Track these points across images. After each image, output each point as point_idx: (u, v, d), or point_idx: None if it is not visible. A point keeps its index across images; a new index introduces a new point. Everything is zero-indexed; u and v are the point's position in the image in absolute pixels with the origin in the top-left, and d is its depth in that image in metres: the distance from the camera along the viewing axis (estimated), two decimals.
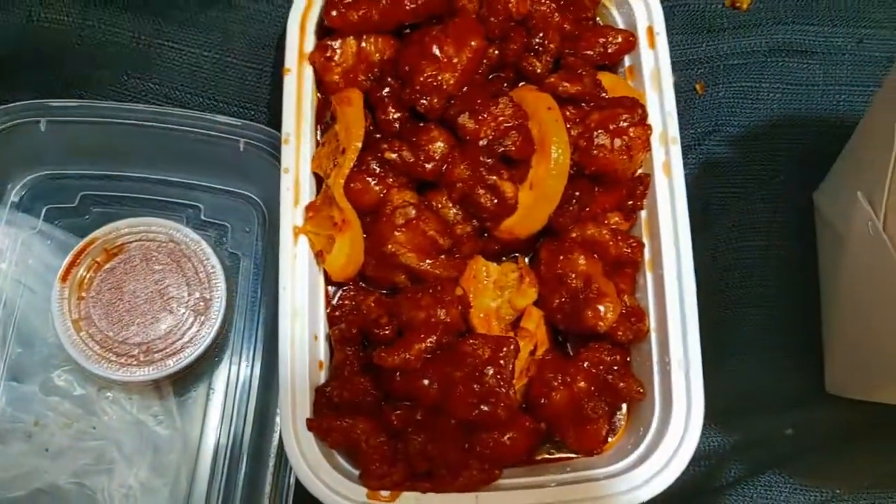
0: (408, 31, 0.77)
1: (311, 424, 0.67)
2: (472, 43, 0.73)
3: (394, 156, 0.71)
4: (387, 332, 0.69)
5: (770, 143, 0.86)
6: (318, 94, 0.76)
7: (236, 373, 0.77)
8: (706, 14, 0.90)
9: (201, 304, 0.75)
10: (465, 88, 0.73)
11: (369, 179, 0.71)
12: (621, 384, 0.69)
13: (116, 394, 0.75)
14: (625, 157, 0.71)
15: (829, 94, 0.88)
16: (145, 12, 0.88)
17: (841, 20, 0.89)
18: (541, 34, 0.75)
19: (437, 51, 0.72)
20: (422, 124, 0.73)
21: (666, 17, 0.78)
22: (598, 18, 0.80)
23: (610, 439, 0.72)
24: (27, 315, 0.77)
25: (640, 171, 0.75)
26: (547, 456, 0.72)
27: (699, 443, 0.68)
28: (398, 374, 0.67)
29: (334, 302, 0.73)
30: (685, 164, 0.74)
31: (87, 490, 0.72)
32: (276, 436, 0.73)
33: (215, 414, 0.76)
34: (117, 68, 0.87)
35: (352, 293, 0.73)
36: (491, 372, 0.67)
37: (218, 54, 0.88)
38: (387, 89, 0.74)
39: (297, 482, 0.69)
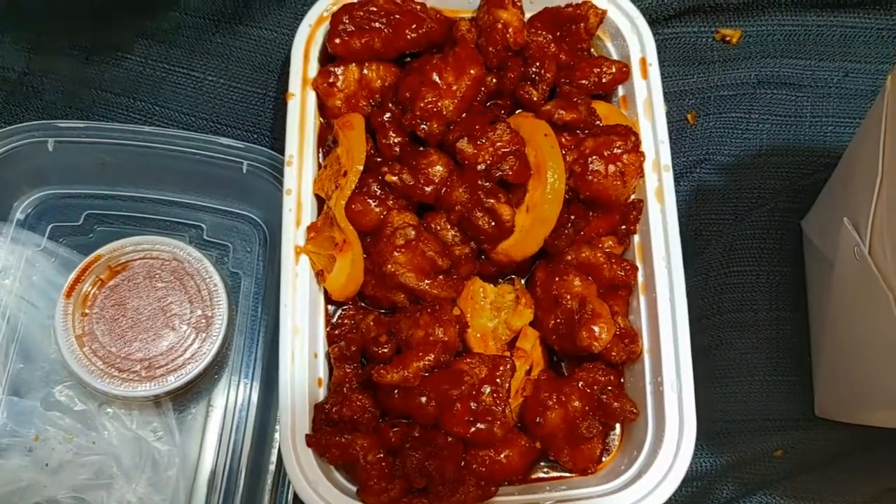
0: (408, 59, 0.80)
1: (310, 440, 0.68)
2: (472, 71, 0.75)
3: (394, 178, 0.72)
4: (385, 350, 0.71)
5: (759, 172, 0.88)
6: (321, 119, 0.78)
7: (236, 390, 0.78)
8: (697, 47, 0.92)
9: (203, 321, 0.76)
10: (463, 115, 0.75)
11: (370, 201, 0.73)
12: (615, 404, 0.71)
13: (117, 410, 0.76)
14: (618, 182, 0.73)
15: (816, 125, 0.90)
16: (153, 38, 0.90)
17: (827, 55, 0.92)
18: (537, 64, 0.78)
19: (437, 78, 0.74)
20: (421, 149, 0.75)
21: (658, 49, 0.80)
22: (592, 50, 0.83)
23: (604, 459, 0.73)
24: (30, 331, 0.77)
25: (633, 197, 0.76)
26: (542, 475, 0.73)
27: (691, 464, 0.69)
28: (396, 391, 0.68)
29: (334, 320, 0.75)
30: (677, 192, 0.75)
31: None
32: (275, 453, 0.74)
33: (214, 431, 0.77)
34: (125, 91, 0.89)
35: (351, 312, 0.75)
36: (487, 390, 0.68)
37: (223, 79, 0.90)
38: (388, 114, 0.76)
39: (295, 498, 0.70)
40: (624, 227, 0.76)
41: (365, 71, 0.78)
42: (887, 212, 0.61)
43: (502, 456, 0.69)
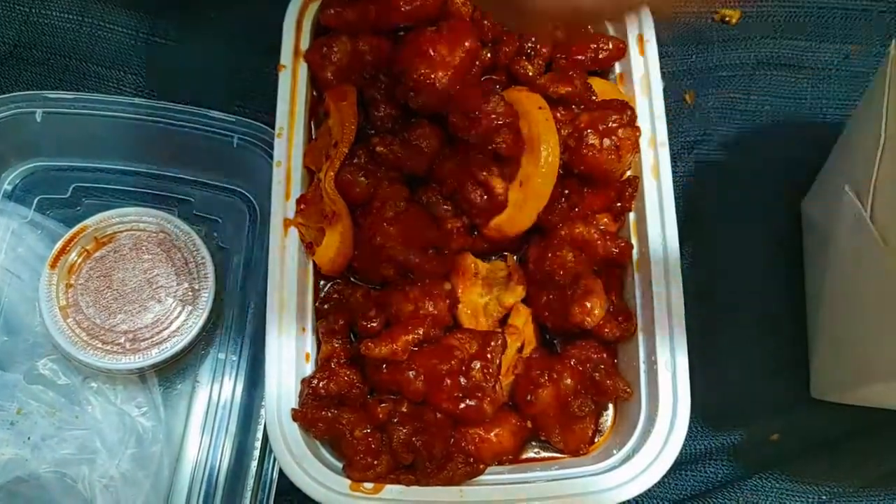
0: (402, 33, 0.79)
1: (296, 415, 0.67)
2: (466, 44, 0.74)
3: (385, 150, 0.71)
4: (374, 324, 0.70)
5: (758, 154, 0.87)
6: (312, 92, 0.77)
7: (222, 367, 0.76)
8: (696, 27, 0.91)
9: (189, 294, 0.75)
10: (457, 87, 0.74)
11: (360, 173, 0.72)
12: (608, 382, 0.69)
13: (101, 384, 0.74)
14: (613, 157, 0.72)
15: (816, 107, 0.89)
16: (143, 10, 0.89)
17: (828, 36, 0.91)
18: (533, 39, 0.77)
19: (430, 50, 0.73)
20: (413, 120, 0.73)
21: (657, 29, 0.79)
22: (589, 27, 0.82)
23: (596, 440, 0.72)
24: (14, 303, 0.76)
25: (628, 174, 0.75)
26: (533, 455, 0.72)
27: (685, 446, 0.68)
28: (384, 365, 0.67)
29: (322, 295, 0.73)
30: (674, 172, 0.74)
31: (68, 480, 0.71)
32: (261, 429, 0.73)
33: (200, 407, 0.75)
34: (115, 64, 0.87)
35: (340, 287, 0.74)
36: (478, 366, 0.67)
37: (214, 53, 0.88)
38: (380, 87, 0.75)
39: (281, 474, 0.69)
40: (619, 204, 0.75)
41: (358, 44, 0.76)
42: (890, 175, 0.60)
43: (492, 434, 0.68)
